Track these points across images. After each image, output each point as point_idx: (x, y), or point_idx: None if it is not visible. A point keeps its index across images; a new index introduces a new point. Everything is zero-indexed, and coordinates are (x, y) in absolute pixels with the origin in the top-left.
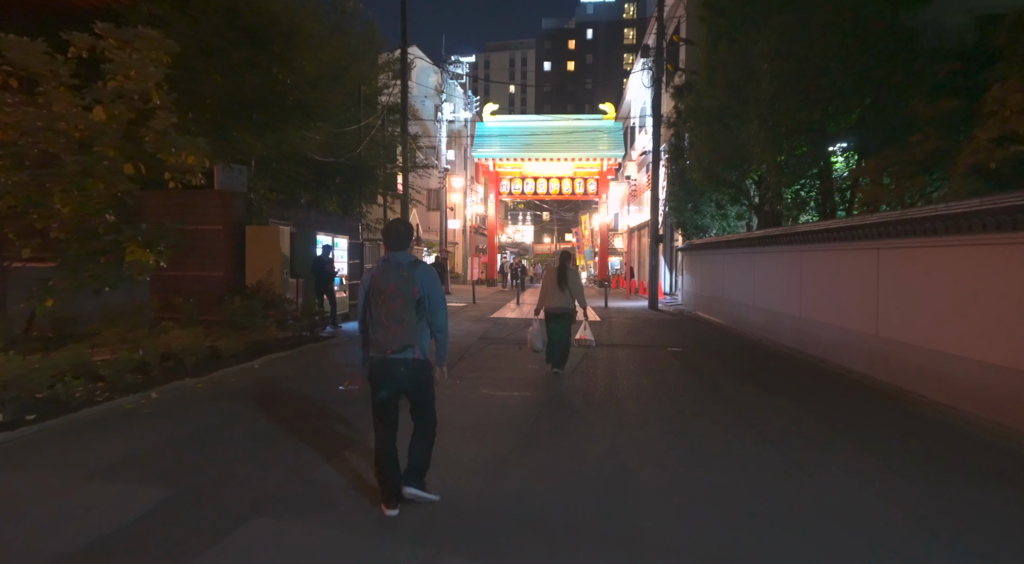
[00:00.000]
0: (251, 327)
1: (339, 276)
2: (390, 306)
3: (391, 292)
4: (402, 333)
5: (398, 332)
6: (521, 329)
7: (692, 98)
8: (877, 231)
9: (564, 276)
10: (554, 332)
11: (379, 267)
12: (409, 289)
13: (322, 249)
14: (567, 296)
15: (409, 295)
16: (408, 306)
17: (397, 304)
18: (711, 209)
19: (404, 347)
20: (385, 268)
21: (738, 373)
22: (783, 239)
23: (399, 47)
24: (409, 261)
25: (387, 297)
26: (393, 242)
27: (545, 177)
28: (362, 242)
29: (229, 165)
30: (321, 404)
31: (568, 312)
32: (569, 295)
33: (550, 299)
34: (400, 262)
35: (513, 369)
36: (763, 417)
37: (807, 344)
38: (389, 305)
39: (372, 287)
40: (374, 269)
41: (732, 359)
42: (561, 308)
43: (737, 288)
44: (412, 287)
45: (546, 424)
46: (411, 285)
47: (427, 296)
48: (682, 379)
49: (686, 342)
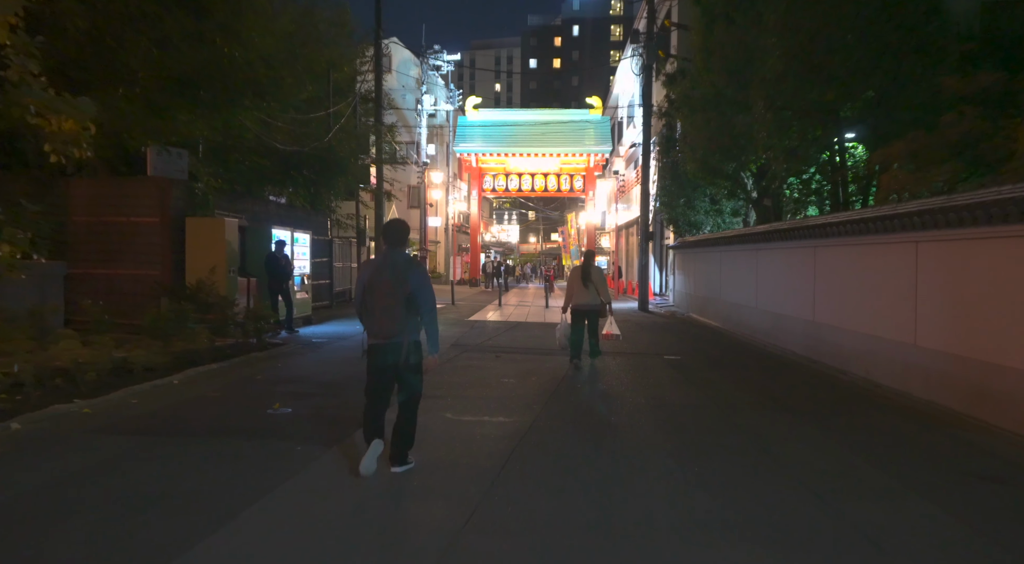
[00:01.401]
0: (178, 335)
1: (300, 275)
2: (384, 300)
3: (385, 288)
4: (392, 324)
5: (389, 323)
6: (501, 334)
7: (686, 85)
8: (916, 221)
9: (588, 274)
10: (583, 328)
11: (377, 262)
12: (401, 286)
13: (276, 245)
14: (592, 292)
15: (401, 291)
16: (399, 301)
17: (390, 299)
18: (705, 204)
19: (395, 336)
20: (382, 264)
21: (748, 388)
22: (793, 233)
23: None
24: (404, 259)
25: (381, 292)
26: (392, 240)
27: (530, 173)
28: (331, 239)
29: (165, 148)
30: (239, 436)
31: (594, 308)
32: (594, 291)
33: (576, 297)
34: (396, 260)
35: (488, 385)
36: (794, 453)
37: (822, 352)
38: (383, 299)
39: (369, 280)
40: (372, 263)
41: (737, 370)
42: (587, 304)
43: (736, 289)
44: (404, 284)
45: (519, 469)
46: (404, 282)
47: (416, 293)
48: (685, 397)
49: (683, 349)
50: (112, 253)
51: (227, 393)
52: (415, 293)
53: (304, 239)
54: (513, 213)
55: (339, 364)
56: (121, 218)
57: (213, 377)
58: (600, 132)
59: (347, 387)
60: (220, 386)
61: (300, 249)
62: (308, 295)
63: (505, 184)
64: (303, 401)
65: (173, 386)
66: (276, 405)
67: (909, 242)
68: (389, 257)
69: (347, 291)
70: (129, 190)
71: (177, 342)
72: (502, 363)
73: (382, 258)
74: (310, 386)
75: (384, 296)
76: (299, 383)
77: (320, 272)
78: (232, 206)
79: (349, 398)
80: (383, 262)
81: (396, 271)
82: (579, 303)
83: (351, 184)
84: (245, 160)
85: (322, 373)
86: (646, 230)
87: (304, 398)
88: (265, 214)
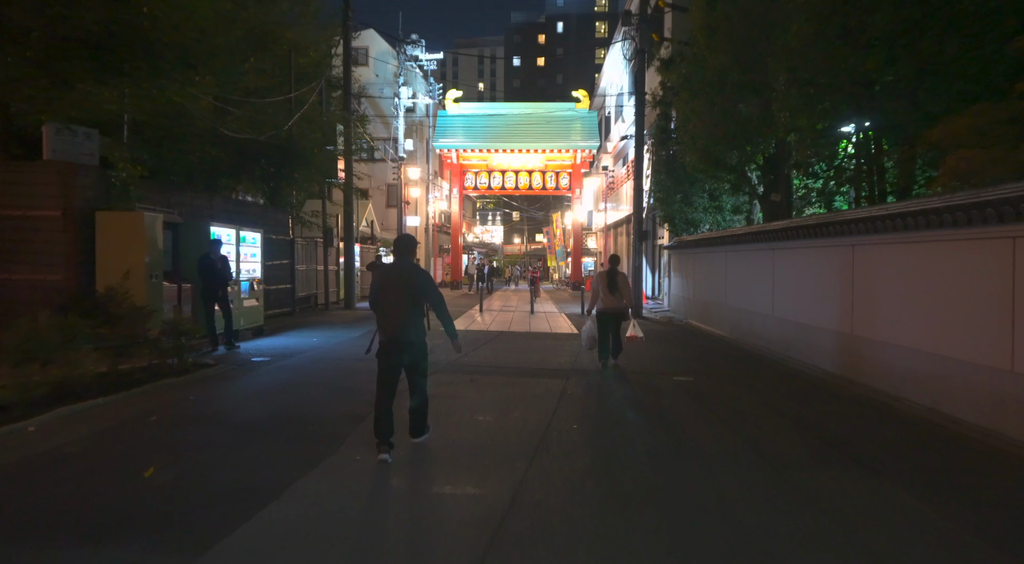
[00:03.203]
0: (56, 359)
1: (248, 280)
2: (392, 297)
3: (394, 288)
4: (400, 321)
5: (397, 320)
6: (480, 347)
7: (687, 67)
8: (1010, 211)
9: (615, 280)
10: (609, 331)
11: (389, 267)
12: (409, 288)
13: (213, 244)
14: (618, 297)
15: (407, 293)
16: (407, 301)
17: (397, 296)
18: (704, 201)
19: (402, 331)
20: (391, 269)
21: (788, 423)
22: (824, 230)
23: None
24: (410, 265)
25: (391, 291)
26: (401, 250)
27: (514, 170)
28: (292, 239)
29: (67, 126)
30: (58, 539)
31: (620, 311)
32: (619, 296)
33: (603, 301)
34: (404, 267)
35: (457, 426)
36: (903, 547)
37: (862, 371)
38: (392, 297)
39: (382, 282)
40: (384, 267)
41: (765, 395)
42: (614, 308)
43: (747, 293)
44: (412, 287)
45: None
46: (411, 285)
47: (423, 291)
48: (715, 441)
49: (692, 366)
50: (2, 253)
51: (93, 446)
52: (422, 291)
53: (254, 238)
54: (497, 214)
55: (272, 394)
56: (13, 211)
57: (92, 418)
58: (587, 127)
59: (268, 432)
60: (91, 433)
61: (248, 249)
62: (259, 302)
63: (488, 182)
64: (198, 457)
65: (25, 436)
66: (149, 470)
67: (1003, 238)
68: (399, 264)
69: (313, 296)
70: (22, 176)
71: (53, 369)
72: (478, 390)
73: (393, 264)
74: (218, 431)
75: (393, 294)
76: (206, 425)
77: (279, 275)
78: (165, 199)
79: (263, 450)
80: (394, 267)
81: (403, 274)
82: (607, 307)
83: (316, 178)
84: (194, 149)
85: (244, 408)
86: (639, 228)
87: (201, 451)
88: (209, 209)
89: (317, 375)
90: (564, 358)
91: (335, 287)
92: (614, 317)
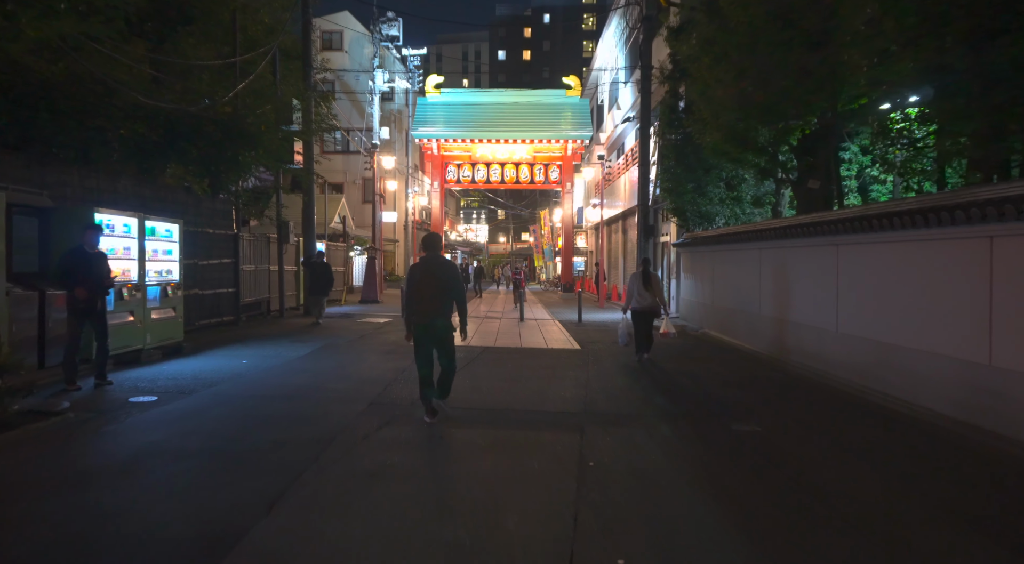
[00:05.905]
0: None
1: (158, 284)
2: (430, 290)
3: (431, 282)
4: (434, 309)
5: (431, 308)
6: (459, 371)
7: (710, 28)
8: None
9: (648, 280)
10: (643, 328)
11: (423, 264)
12: (439, 280)
13: (89, 233)
14: (651, 296)
15: (438, 284)
16: (438, 291)
17: (434, 289)
18: (720, 191)
19: (435, 317)
20: (422, 265)
21: (962, 542)
22: (936, 215)
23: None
24: (442, 261)
25: (428, 285)
26: (428, 247)
27: (499, 162)
28: (237, 234)
29: None
30: None
31: (654, 309)
32: (652, 295)
33: (638, 300)
34: (437, 261)
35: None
36: None
37: (1010, 420)
38: (429, 289)
39: (416, 277)
40: (419, 265)
41: (904, 469)
42: (649, 307)
43: (792, 301)
44: (441, 279)
45: None
46: (441, 277)
47: (451, 287)
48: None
49: (745, 400)
50: None
51: None
52: (451, 287)
53: (168, 231)
54: (482, 212)
55: (112, 475)
56: None
57: None
58: (578, 115)
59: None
60: None
61: (159, 244)
62: (177, 313)
63: (471, 175)
64: None
65: None
66: None
67: None
68: (431, 260)
69: (265, 301)
70: None
71: None
72: (448, 460)
73: (426, 261)
74: None
75: (430, 287)
76: None
77: (218, 278)
78: (36, 177)
79: None
80: (428, 264)
81: (439, 269)
82: (642, 306)
83: (266, 161)
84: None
85: (50, 514)
86: (645, 223)
87: None
88: (111, 193)
89: (215, 434)
90: (571, 390)
91: (293, 291)
92: (648, 315)
